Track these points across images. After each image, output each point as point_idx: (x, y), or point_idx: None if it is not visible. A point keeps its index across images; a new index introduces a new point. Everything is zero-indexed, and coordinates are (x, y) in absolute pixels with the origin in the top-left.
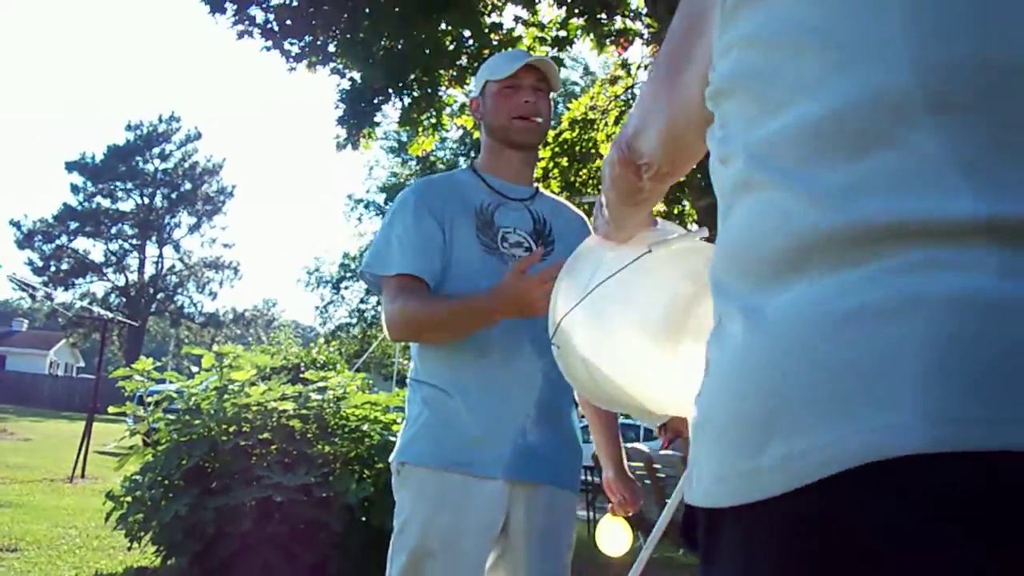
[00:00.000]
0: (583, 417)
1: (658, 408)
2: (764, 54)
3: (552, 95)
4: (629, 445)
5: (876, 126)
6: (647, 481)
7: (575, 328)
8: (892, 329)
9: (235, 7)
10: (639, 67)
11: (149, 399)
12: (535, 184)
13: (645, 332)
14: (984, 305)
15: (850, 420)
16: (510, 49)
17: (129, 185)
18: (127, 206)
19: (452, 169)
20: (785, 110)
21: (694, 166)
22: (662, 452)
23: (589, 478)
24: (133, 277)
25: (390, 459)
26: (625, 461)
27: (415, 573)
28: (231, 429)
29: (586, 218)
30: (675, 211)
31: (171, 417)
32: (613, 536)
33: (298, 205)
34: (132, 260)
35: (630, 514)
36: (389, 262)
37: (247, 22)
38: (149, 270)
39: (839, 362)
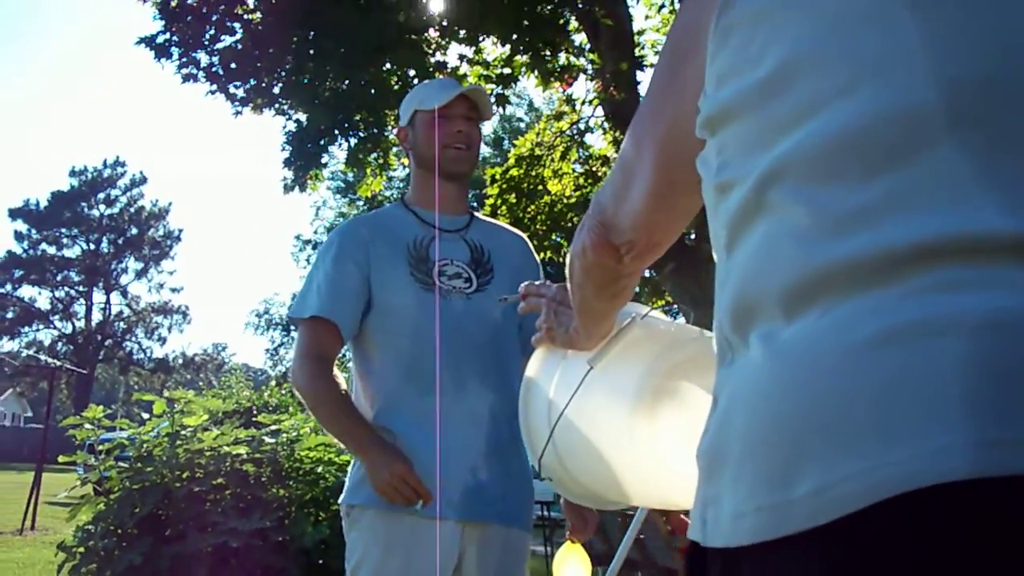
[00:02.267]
0: None
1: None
2: (769, 74)
3: (482, 123)
4: None
5: (895, 143)
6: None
7: (557, 453)
8: (927, 351)
9: (180, 52)
10: (583, 102)
11: (100, 447)
12: (470, 211)
13: (623, 422)
14: (1019, 324)
15: (890, 446)
16: (438, 76)
17: (74, 231)
18: (73, 252)
19: None
20: (795, 130)
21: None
22: None
23: (546, 513)
24: (80, 324)
25: (339, 501)
26: None
27: None
28: (184, 475)
29: (526, 239)
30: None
31: (123, 465)
32: (569, 567)
33: (246, 247)
34: (79, 307)
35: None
36: (306, 306)
37: (192, 66)
38: (96, 317)
39: (874, 386)
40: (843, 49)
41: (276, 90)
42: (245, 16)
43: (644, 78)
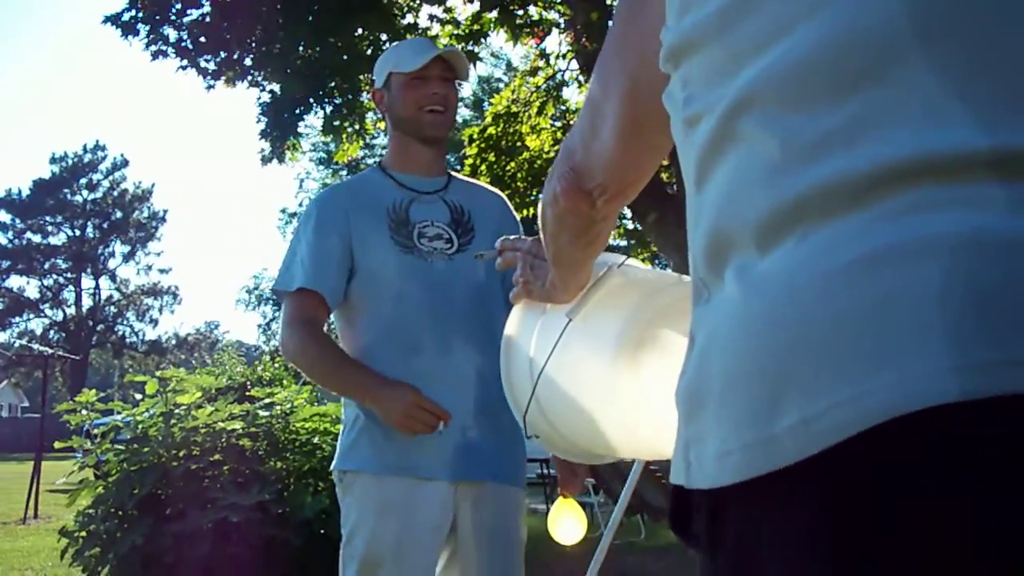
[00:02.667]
0: None
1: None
2: (732, 1)
3: (459, 83)
4: None
5: (863, 63)
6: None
7: (541, 409)
8: (906, 274)
9: (147, 28)
10: (557, 56)
11: (96, 431)
12: (448, 172)
13: (605, 373)
14: (998, 244)
15: (875, 372)
16: (411, 37)
17: (59, 218)
18: (58, 240)
19: None
20: (761, 56)
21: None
22: None
23: (545, 471)
24: (71, 311)
25: (332, 467)
26: None
27: None
28: (181, 454)
29: (505, 198)
30: (619, 232)
31: (120, 447)
32: (564, 522)
33: (232, 224)
34: (68, 294)
35: (591, 495)
36: (291, 279)
37: (160, 42)
38: (87, 302)
39: (854, 312)
40: None
41: (248, 62)
42: None
43: None
